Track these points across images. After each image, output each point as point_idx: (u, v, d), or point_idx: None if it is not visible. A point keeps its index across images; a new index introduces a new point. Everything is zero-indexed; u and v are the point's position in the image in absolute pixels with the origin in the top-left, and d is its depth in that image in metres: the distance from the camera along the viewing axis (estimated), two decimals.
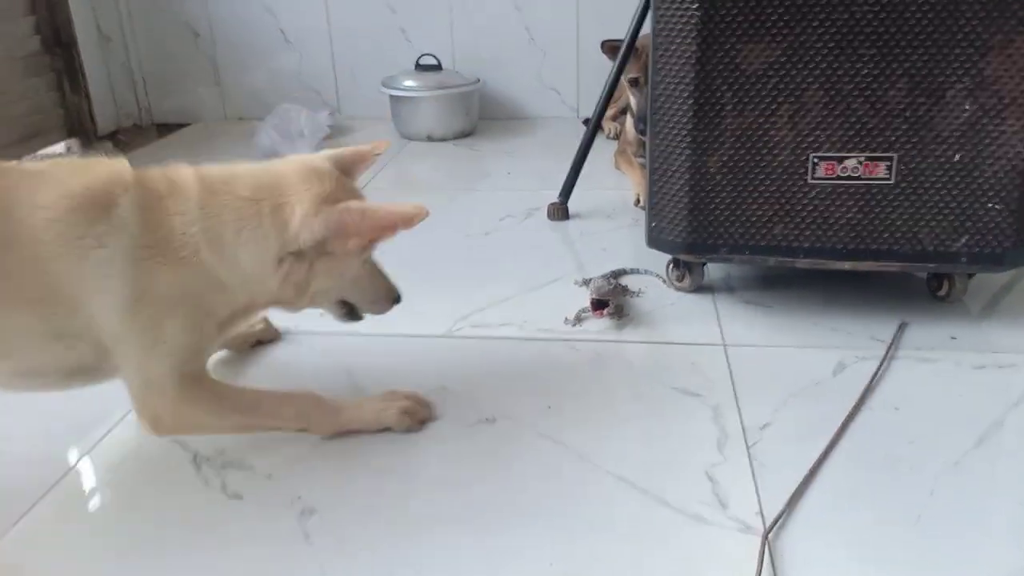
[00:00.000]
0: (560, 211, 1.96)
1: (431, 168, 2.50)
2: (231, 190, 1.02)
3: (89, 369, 1.02)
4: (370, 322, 1.45)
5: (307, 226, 1.01)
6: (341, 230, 1.02)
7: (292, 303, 1.10)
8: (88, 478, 1.09)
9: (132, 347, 0.99)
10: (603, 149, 2.33)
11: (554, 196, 1.97)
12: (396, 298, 1.20)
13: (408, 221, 1.04)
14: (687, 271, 1.54)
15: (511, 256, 1.76)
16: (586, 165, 1.96)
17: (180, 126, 3.06)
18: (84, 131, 2.81)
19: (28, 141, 2.59)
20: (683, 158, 1.39)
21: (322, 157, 1.10)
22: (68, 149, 2.75)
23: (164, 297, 0.99)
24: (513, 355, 1.36)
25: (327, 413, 1.12)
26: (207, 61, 3.03)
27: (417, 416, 1.15)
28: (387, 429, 1.14)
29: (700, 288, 1.56)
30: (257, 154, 2.57)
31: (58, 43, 2.70)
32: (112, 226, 0.96)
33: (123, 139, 2.94)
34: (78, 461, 1.12)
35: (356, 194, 1.10)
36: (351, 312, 1.18)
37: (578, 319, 1.45)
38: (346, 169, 1.11)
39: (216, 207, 1.00)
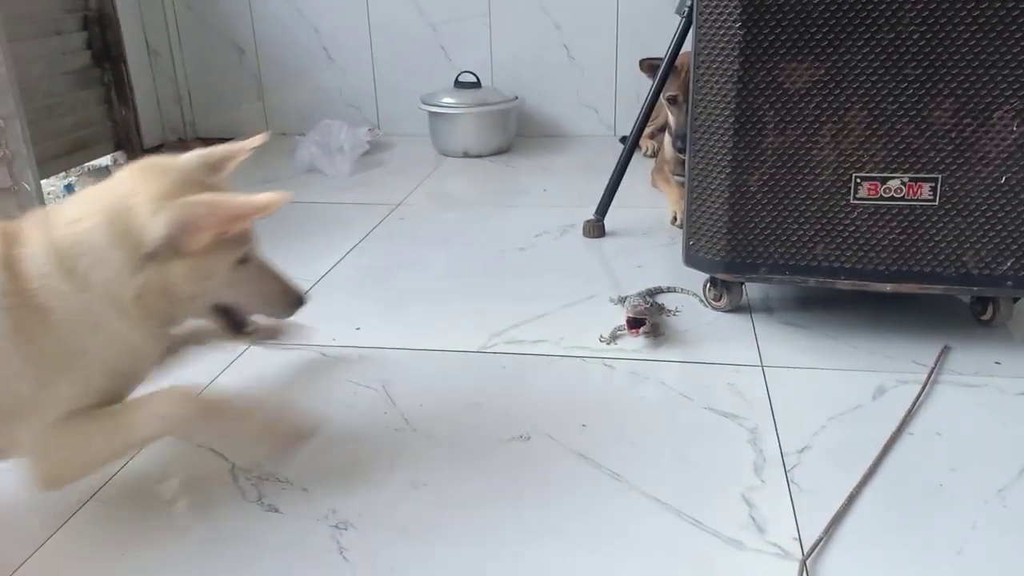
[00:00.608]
0: (596, 228, 1.95)
1: (467, 184, 2.51)
2: (65, 217, 0.95)
3: None
4: (404, 337, 1.48)
5: (148, 225, 0.92)
6: (186, 225, 0.92)
7: (167, 317, 1.01)
8: (126, 488, 1.10)
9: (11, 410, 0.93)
10: (640, 167, 2.32)
11: (590, 213, 1.97)
12: (297, 300, 1.07)
13: (261, 209, 0.94)
14: (725, 290, 1.52)
15: (546, 273, 1.75)
16: (623, 183, 1.95)
17: (223, 140, 3.09)
18: (130, 144, 2.86)
19: (76, 153, 2.64)
20: (723, 176, 1.37)
21: (184, 156, 1.02)
22: (114, 162, 2.80)
23: (37, 352, 0.92)
24: (548, 372, 1.35)
25: (200, 412, 1.01)
26: (251, 78, 3.07)
27: (278, 438, 1.02)
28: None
29: (738, 308, 1.54)
30: (297, 168, 2.60)
31: (108, 58, 2.76)
32: None
33: (168, 153, 2.98)
34: (116, 471, 1.12)
35: (212, 187, 0.99)
36: (233, 323, 1.06)
37: (613, 337, 1.44)
38: (214, 165, 1.03)
39: (58, 240, 0.94)
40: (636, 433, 1.17)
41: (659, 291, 1.61)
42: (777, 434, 1.16)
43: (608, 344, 1.43)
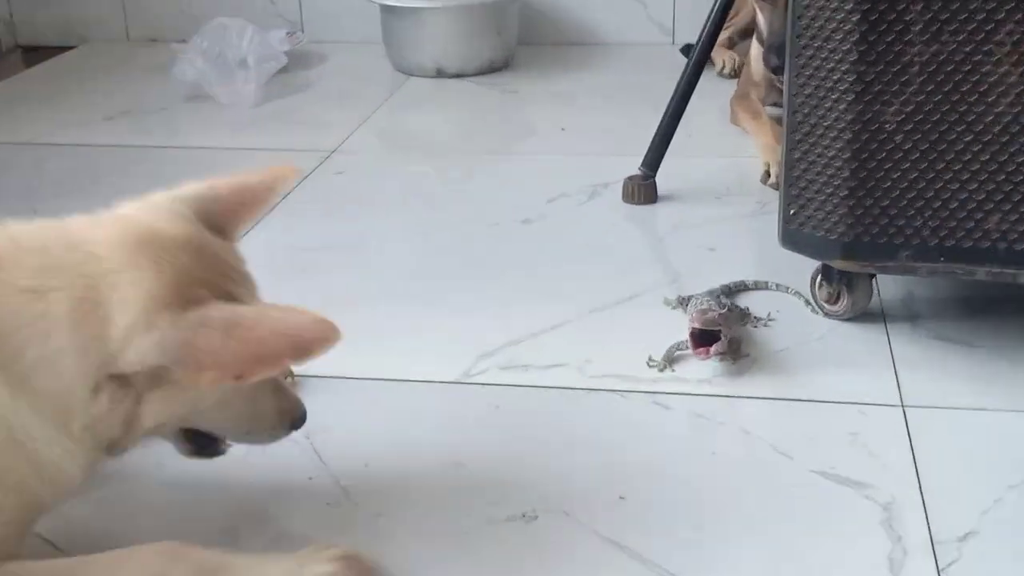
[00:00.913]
0: (643, 190, 1.95)
1: (442, 120, 2.51)
2: (10, 274, 0.95)
3: None
4: (342, 359, 1.43)
5: (131, 344, 0.93)
6: (191, 358, 0.93)
7: (119, 444, 1.04)
8: None
9: None
10: (713, 93, 2.32)
11: (634, 167, 1.97)
12: (292, 423, 1.13)
13: (304, 348, 0.94)
14: (845, 287, 1.52)
15: (565, 259, 1.76)
16: (685, 118, 1.95)
17: (60, 50, 3.09)
18: None
19: None
20: (842, 108, 1.37)
21: (174, 203, 1.02)
22: None
23: None
24: (565, 415, 1.35)
25: (200, 573, 1.02)
26: None
27: None
28: None
29: (865, 315, 1.54)
30: (175, 94, 2.59)
31: None
32: None
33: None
34: None
35: (229, 277, 1.01)
36: (205, 445, 1.13)
37: (670, 360, 1.44)
38: (219, 221, 1.04)
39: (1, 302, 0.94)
40: (703, 510, 1.18)
41: (741, 288, 1.62)
42: (925, 512, 1.16)
43: (662, 371, 1.43)
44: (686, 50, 2.44)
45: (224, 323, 0.93)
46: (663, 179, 1.97)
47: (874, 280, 1.54)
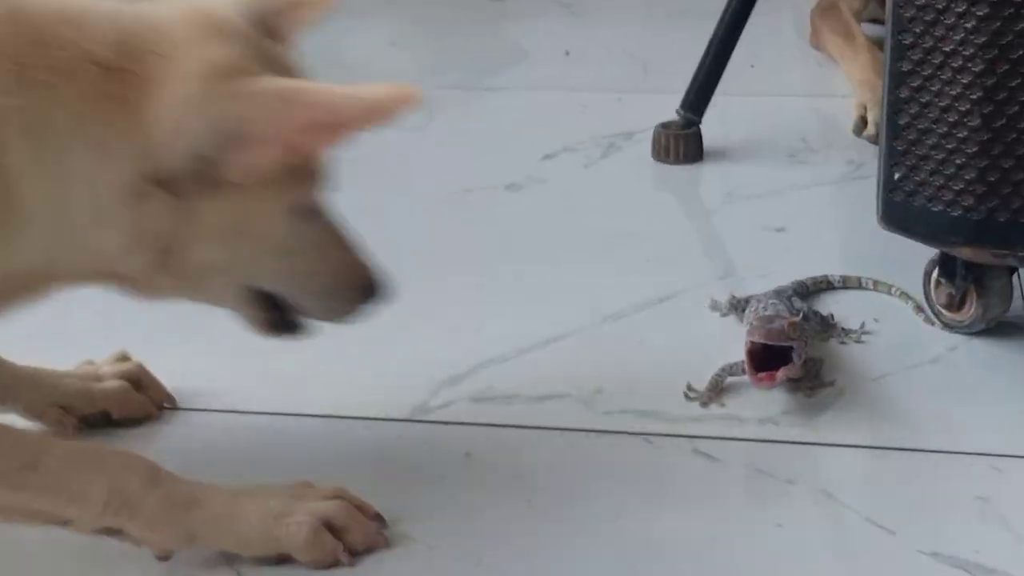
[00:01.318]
0: (683, 143, 1.95)
1: (387, 37, 2.51)
2: (89, 42, 1.09)
3: None
4: (256, 392, 1.48)
5: (182, 121, 1.07)
6: (245, 130, 1.08)
7: (148, 282, 1.19)
8: None
9: None
10: (784, 1, 2.33)
11: (669, 108, 1.97)
12: (370, 287, 1.27)
13: (375, 111, 1.10)
14: (973, 287, 1.50)
15: (567, 243, 1.76)
16: (743, 39, 1.96)
17: None
18: None
19: None
20: (972, 26, 1.35)
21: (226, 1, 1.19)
22: None
23: None
24: (566, 467, 1.35)
25: (169, 505, 1.17)
26: None
27: (347, 539, 1.18)
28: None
29: (1002, 327, 1.53)
30: None
31: None
32: None
33: None
34: None
35: (284, 67, 1.17)
36: (279, 314, 1.27)
37: (718, 390, 1.43)
38: (270, 21, 1.19)
39: (40, 67, 1.08)
40: None
41: (823, 287, 1.62)
42: None
43: (706, 405, 1.42)
44: None
45: (282, 89, 1.10)
46: (711, 128, 1.98)
47: (1015, 277, 1.53)
